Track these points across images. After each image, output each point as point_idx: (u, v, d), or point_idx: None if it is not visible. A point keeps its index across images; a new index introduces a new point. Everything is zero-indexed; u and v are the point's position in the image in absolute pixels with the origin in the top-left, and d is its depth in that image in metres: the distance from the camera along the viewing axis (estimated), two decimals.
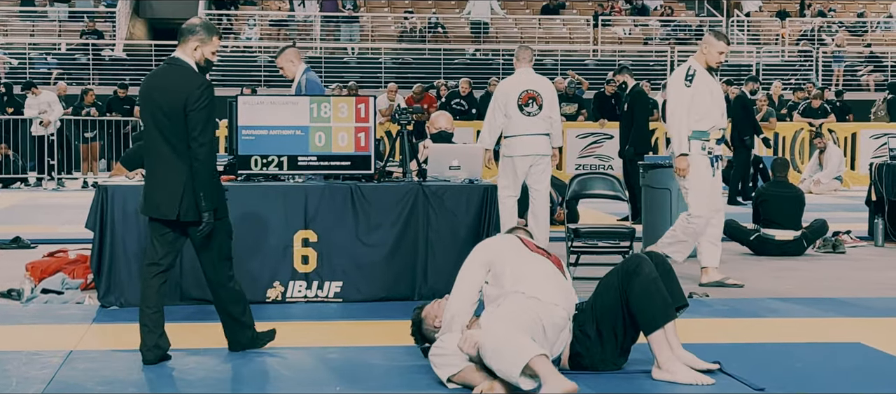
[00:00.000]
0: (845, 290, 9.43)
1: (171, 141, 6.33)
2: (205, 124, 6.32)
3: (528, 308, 5.77)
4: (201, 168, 6.29)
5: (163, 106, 6.34)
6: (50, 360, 6.28)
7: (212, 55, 6.56)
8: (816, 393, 5.72)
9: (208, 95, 6.37)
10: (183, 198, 6.31)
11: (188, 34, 6.51)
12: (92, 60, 27.95)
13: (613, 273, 6.07)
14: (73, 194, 19.45)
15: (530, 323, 5.69)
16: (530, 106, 10.83)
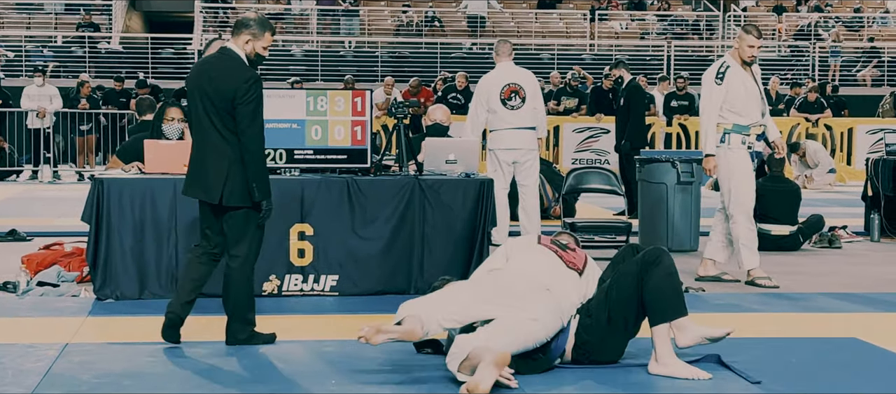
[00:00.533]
0: (841, 285, 9.43)
1: (217, 128, 6.54)
2: (252, 117, 6.51)
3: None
4: (252, 159, 6.51)
5: (211, 94, 6.54)
6: (45, 353, 6.27)
7: (263, 50, 6.73)
8: (812, 390, 5.72)
9: (256, 89, 6.55)
10: (226, 183, 6.52)
11: (242, 28, 6.67)
12: (88, 53, 27.92)
13: (633, 262, 6.10)
14: (68, 187, 19.44)
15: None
16: (513, 99, 10.85)
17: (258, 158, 6.55)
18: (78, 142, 21.85)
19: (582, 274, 6.21)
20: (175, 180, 8.16)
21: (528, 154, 10.90)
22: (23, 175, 21.56)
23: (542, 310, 5.85)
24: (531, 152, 10.93)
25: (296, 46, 29.58)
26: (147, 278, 8.14)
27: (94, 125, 21.82)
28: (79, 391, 5.47)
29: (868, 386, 5.81)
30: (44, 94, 21.40)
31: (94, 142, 22.03)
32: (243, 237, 6.61)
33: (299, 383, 5.72)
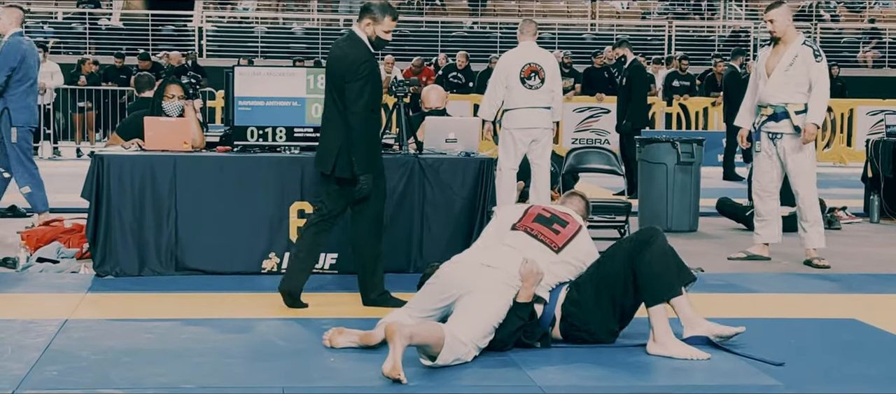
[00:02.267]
0: (840, 266, 9.44)
1: (336, 104, 7.01)
2: (358, 95, 6.90)
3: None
4: (353, 135, 6.93)
5: (332, 72, 7.06)
6: (45, 329, 6.28)
7: (384, 34, 7.12)
8: (811, 371, 5.73)
9: (365, 70, 6.93)
10: (338, 156, 6.99)
11: (364, 12, 7.10)
12: (89, 30, 27.88)
13: (626, 240, 6.13)
14: (68, 163, 19.43)
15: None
16: (533, 79, 10.83)
17: (359, 134, 6.92)
18: (77, 119, 21.82)
19: (559, 251, 6.17)
20: (175, 157, 8.17)
21: (544, 133, 10.91)
22: None
23: (485, 283, 5.88)
24: (547, 132, 10.94)
25: (296, 24, 29.53)
26: (147, 255, 8.14)
27: (95, 102, 21.79)
28: (78, 367, 5.48)
29: (867, 367, 5.81)
30: (44, 71, 21.31)
31: (94, 119, 22.01)
32: (365, 203, 7.08)
33: (298, 359, 5.73)
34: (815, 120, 9.13)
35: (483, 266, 5.98)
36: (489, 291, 5.84)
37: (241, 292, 7.63)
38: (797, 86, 9.20)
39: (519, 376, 5.47)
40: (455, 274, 6.00)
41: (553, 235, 6.21)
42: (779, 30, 9.28)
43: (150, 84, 10.80)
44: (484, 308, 5.80)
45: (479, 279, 5.89)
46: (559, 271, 6.15)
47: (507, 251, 6.09)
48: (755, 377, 5.54)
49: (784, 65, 9.25)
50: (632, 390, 5.34)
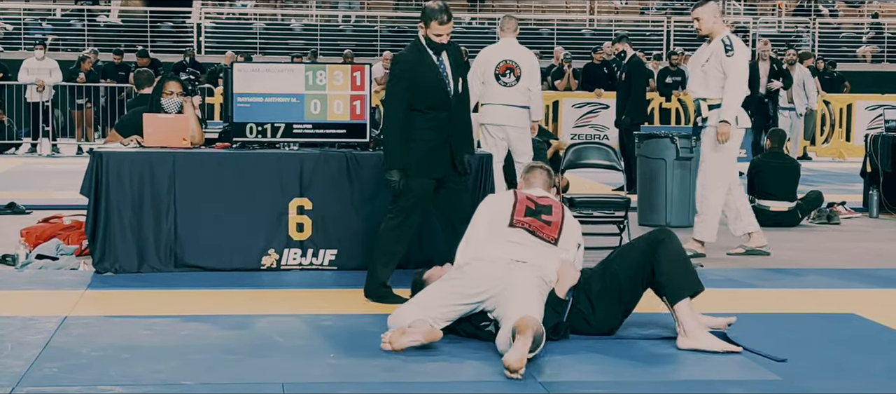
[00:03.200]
0: (840, 261, 9.44)
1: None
2: (388, 93, 7.36)
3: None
4: (383, 131, 7.56)
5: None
6: (45, 325, 6.28)
7: (435, 37, 7.30)
8: (810, 365, 5.73)
9: (396, 69, 7.34)
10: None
11: (420, 16, 7.44)
12: (87, 26, 27.86)
13: (639, 240, 6.19)
14: (67, 160, 19.43)
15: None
16: (507, 76, 10.85)
17: (386, 130, 7.33)
18: (76, 115, 21.81)
19: (556, 242, 6.30)
20: (174, 154, 8.17)
21: (519, 132, 10.94)
22: (21, 148, 21.55)
23: (520, 276, 6.00)
24: (522, 131, 10.96)
25: (295, 21, 29.52)
26: (146, 252, 8.14)
27: (93, 99, 21.78)
28: (78, 364, 5.48)
29: (866, 361, 5.82)
30: (43, 68, 21.35)
31: (93, 115, 22.00)
32: (399, 197, 7.28)
33: (298, 356, 5.73)
34: (724, 117, 9.17)
35: (512, 262, 6.08)
36: (529, 284, 5.93)
37: (241, 289, 7.63)
38: (715, 80, 9.29)
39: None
40: (483, 271, 6.06)
41: (546, 227, 6.31)
42: (705, 27, 9.36)
43: (150, 81, 10.80)
44: (534, 292, 5.91)
45: (512, 273, 5.99)
46: (560, 257, 6.26)
47: (522, 248, 6.18)
48: (754, 371, 5.54)
49: (701, 60, 9.40)
50: (630, 382, 5.34)
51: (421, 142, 7.24)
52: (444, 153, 7.35)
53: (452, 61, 7.43)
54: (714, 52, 9.28)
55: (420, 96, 7.23)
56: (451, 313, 6.04)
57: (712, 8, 9.35)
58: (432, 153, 7.26)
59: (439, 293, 6.11)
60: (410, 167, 7.19)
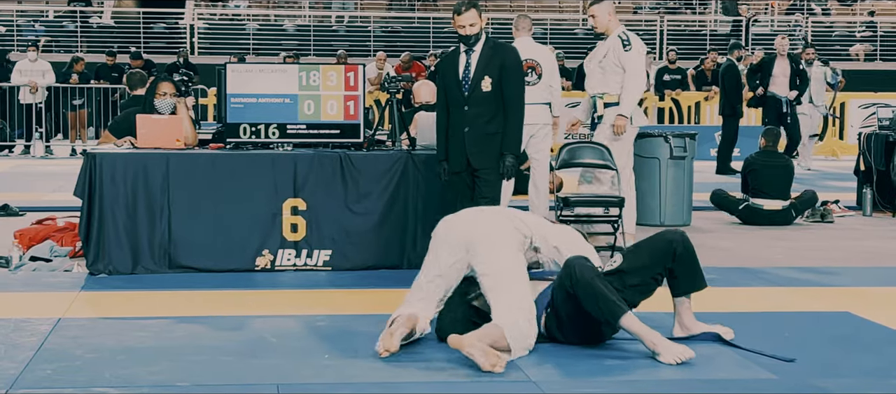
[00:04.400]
0: (833, 259, 9.46)
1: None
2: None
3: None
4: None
5: None
6: (38, 327, 6.27)
7: (458, 28, 7.76)
8: (805, 363, 5.74)
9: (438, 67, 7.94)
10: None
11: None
12: (80, 28, 27.83)
13: (653, 238, 6.21)
14: (61, 162, 19.41)
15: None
16: (530, 75, 10.81)
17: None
18: (70, 117, 21.79)
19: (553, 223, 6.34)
20: (168, 155, 8.16)
21: (543, 129, 10.89)
22: (15, 150, 21.51)
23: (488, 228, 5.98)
24: (545, 128, 10.92)
25: (288, 21, 29.50)
26: (140, 253, 8.13)
27: (87, 100, 21.76)
28: (72, 366, 5.47)
29: (860, 359, 5.83)
30: (36, 70, 21.32)
31: (87, 117, 21.97)
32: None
33: (292, 356, 5.73)
34: (622, 111, 9.36)
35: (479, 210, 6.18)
36: (501, 246, 5.88)
37: (235, 290, 7.63)
38: (613, 76, 9.48)
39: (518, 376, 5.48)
40: (449, 230, 6.04)
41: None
42: (600, 25, 9.58)
43: (143, 82, 10.79)
44: (511, 276, 5.83)
45: (481, 222, 5.99)
46: (555, 244, 6.15)
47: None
48: (749, 370, 5.55)
49: (598, 57, 9.59)
50: (627, 381, 5.34)
51: (450, 137, 7.87)
52: (461, 149, 7.80)
53: (491, 60, 7.75)
54: (611, 48, 9.49)
55: (445, 92, 7.89)
56: (434, 290, 6.00)
57: (607, 5, 9.60)
58: (453, 151, 7.84)
59: (419, 277, 6.10)
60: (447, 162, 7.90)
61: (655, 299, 6.12)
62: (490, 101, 7.77)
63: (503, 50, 7.92)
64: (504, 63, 7.77)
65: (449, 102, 7.87)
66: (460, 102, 7.80)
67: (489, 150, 7.80)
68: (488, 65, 7.75)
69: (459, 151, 7.83)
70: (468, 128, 7.79)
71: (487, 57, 7.77)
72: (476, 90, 7.74)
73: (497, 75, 7.76)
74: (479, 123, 7.78)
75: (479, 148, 7.79)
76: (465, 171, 7.86)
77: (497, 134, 7.80)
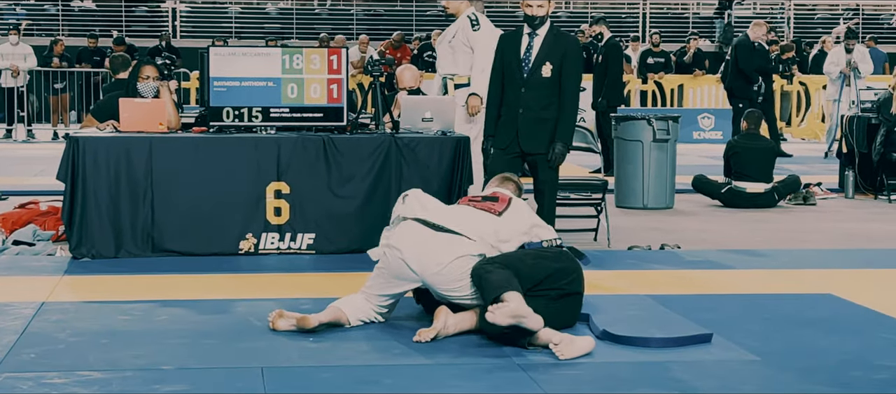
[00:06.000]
0: (816, 241, 9.49)
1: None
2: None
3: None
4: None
5: None
6: (22, 311, 6.26)
7: (525, 7, 7.96)
8: (788, 346, 5.77)
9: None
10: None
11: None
12: (61, 11, 27.71)
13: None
14: (43, 146, 19.35)
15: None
16: None
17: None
18: (52, 101, 21.71)
19: (501, 215, 6.06)
20: (151, 139, 8.14)
21: None
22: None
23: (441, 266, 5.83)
24: None
25: (270, 5, 29.42)
26: (123, 237, 8.11)
27: (69, 84, 21.68)
28: (56, 349, 5.46)
29: (843, 340, 5.85)
30: (17, 53, 21.24)
31: (69, 100, 21.90)
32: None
33: (276, 339, 5.73)
34: (474, 90, 9.36)
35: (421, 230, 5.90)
36: (457, 276, 5.79)
37: (219, 274, 7.62)
38: (463, 56, 9.49)
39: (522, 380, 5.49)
40: (403, 256, 5.88)
41: (492, 205, 6.15)
42: (451, 6, 9.63)
43: (126, 65, 10.75)
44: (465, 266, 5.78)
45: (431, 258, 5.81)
46: (505, 245, 5.99)
47: (474, 214, 6.06)
48: (733, 351, 5.57)
49: (448, 37, 9.64)
50: (604, 363, 5.35)
51: (502, 115, 8.01)
52: (513, 129, 7.93)
53: (554, 47, 7.90)
54: (460, 28, 9.53)
55: (502, 69, 8.02)
56: (384, 302, 6.02)
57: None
58: (503, 127, 7.99)
59: (373, 280, 6.05)
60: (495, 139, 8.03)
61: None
62: (548, 87, 7.90)
63: (566, 39, 8.13)
64: (566, 52, 7.93)
65: (506, 80, 8.00)
66: (518, 83, 7.94)
67: (540, 135, 7.92)
68: (551, 51, 7.91)
69: (510, 130, 7.97)
70: (523, 110, 7.93)
71: (550, 43, 7.94)
72: (535, 74, 7.91)
73: (558, 63, 7.89)
74: (534, 108, 7.92)
75: (530, 132, 7.94)
76: (511, 148, 7.98)
77: (549, 121, 7.91)
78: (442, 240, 5.84)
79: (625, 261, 8.30)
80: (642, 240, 9.17)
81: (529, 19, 7.97)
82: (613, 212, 10.27)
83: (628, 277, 7.58)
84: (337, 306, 5.98)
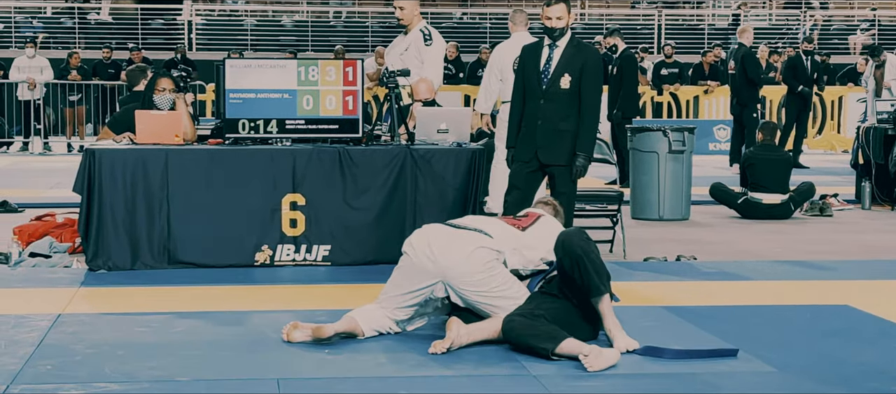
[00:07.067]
0: (833, 253, 9.46)
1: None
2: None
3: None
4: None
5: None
6: (38, 323, 6.27)
7: (545, 20, 8.00)
8: (805, 358, 5.74)
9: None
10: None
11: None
12: (78, 24, 27.82)
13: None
14: (59, 158, 19.40)
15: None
16: None
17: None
18: (68, 113, 21.80)
19: (524, 230, 6.11)
20: (167, 151, 8.16)
21: None
22: (13, 147, 21.53)
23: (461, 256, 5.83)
24: None
25: (286, 17, 29.49)
26: (139, 249, 8.13)
27: (85, 96, 21.76)
28: (72, 361, 5.47)
29: (860, 352, 5.82)
30: (34, 66, 21.33)
31: (85, 113, 21.98)
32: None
33: (292, 351, 5.73)
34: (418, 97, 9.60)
35: (447, 233, 5.94)
36: (478, 270, 5.81)
37: (234, 285, 7.63)
38: (413, 69, 9.55)
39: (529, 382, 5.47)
40: (420, 257, 5.88)
41: (518, 221, 6.21)
42: (406, 18, 9.83)
43: (143, 77, 10.77)
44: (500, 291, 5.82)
45: (451, 256, 5.81)
46: (529, 250, 6.03)
47: (497, 224, 6.11)
48: (750, 363, 5.54)
49: (400, 50, 9.84)
50: (629, 378, 5.34)
51: (522, 128, 8.05)
52: (532, 141, 7.96)
53: (573, 59, 7.91)
54: (413, 42, 9.72)
55: (524, 81, 8.08)
56: (400, 309, 5.99)
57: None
58: (523, 139, 8.04)
59: (390, 286, 6.05)
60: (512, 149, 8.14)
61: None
62: (567, 98, 7.91)
63: (586, 50, 8.13)
64: (586, 63, 7.93)
65: (526, 91, 8.05)
66: (537, 94, 7.97)
67: (559, 147, 7.94)
68: (570, 63, 7.93)
69: (530, 142, 8.01)
70: (541, 121, 7.95)
71: (570, 55, 7.96)
72: (554, 86, 7.93)
73: (577, 75, 7.90)
74: (552, 119, 7.94)
75: (548, 143, 7.95)
76: (532, 161, 8.03)
77: (568, 132, 7.93)
78: (463, 234, 5.91)
79: (641, 272, 8.28)
80: (658, 251, 9.15)
81: (549, 31, 7.99)
82: (629, 223, 10.26)
83: (644, 289, 7.56)
84: (351, 317, 5.98)
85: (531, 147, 8.01)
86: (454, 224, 6.05)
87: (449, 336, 5.68)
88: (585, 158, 7.94)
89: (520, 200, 7.98)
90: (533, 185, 8.16)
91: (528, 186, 8.10)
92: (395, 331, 6.03)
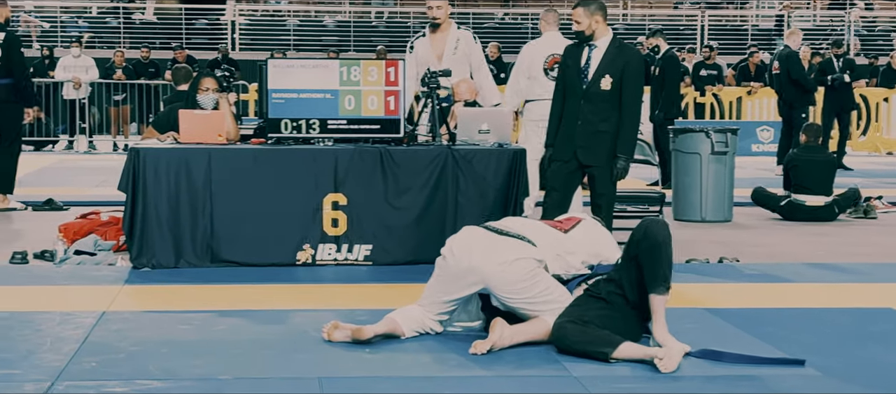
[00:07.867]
0: (876, 255, 9.39)
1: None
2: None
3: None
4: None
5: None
6: (83, 320, 6.33)
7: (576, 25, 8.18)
8: (848, 360, 5.71)
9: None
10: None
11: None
12: (122, 24, 28.02)
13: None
14: (104, 157, 19.55)
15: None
16: (556, 70, 10.77)
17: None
18: (112, 112, 21.97)
19: (566, 232, 6.11)
20: (210, 150, 8.21)
21: None
22: (58, 145, 21.71)
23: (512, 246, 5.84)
24: None
25: (328, 17, 29.58)
26: (182, 247, 8.18)
27: (129, 95, 21.92)
28: (116, 358, 5.52)
29: None
30: (79, 65, 21.51)
31: (129, 112, 22.15)
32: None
33: (332, 351, 5.75)
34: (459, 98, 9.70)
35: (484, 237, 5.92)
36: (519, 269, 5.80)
37: (277, 284, 7.66)
38: (464, 66, 9.88)
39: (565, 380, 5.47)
40: (461, 255, 5.88)
41: (560, 223, 6.22)
42: (443, 16, 10.24)
43: (188, 77, 10.85)
44: (541, 281, 5.81)
45: (491, 260, 5.80)
46: (570, 255, 6.04)
47: (539, 226, 6.12)
48: (792, 366, 5.51)
49: (451, 49, 10.01)
50: (671, 381, 5.32)
51: (562, 128, 8.09)
52: (570, 140, 8.00)
53: (614, 60, 7.95)
54: (462, 39, 10.05)
55: (564, 80, 8.15)
56: (441, 313, 6.01)
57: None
58: (562, 139, 8.08)
59: (431, 287, 6.05)
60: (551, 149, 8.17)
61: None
62: (607, 99, 7.93)
63: (628, 51, 8.14)
64: (627, 65, 7.95)
65: (567, 91, 8.10)
66: (578, 94, 8.01)
67: (598, 148, 7.96)
68: (611, 64, 7.94)
69: (568, 141, 8.07)
70: (581, 122, 7.98)
71: (611, 56, 7.98)
72: (594, 86, 7.96)
73: (618, 76, 7.91)
74: (592, 120, 7.97)
75: (587, 144, 7.99)
76: (571, 161, 8.08)
77: (607, 133, 7.95)
78: (504, 241, 5.88)
79: (683, 274, 8.25)
80: (700, 253, 9.12)
81: (576, 34, 8.10)
82: (671, 225, 10.20)
83: (686, 290, 7.54)
84: (392, 318, 5.99)
85: (570, 147, 8.03)
86: (496, 228, 6.00)
87: (491, 337, 5.68)
88: (626, 159, 7.94)
89: (559, 201, 7.99)
90: (572, 185, 8.19)
91: (566, 188, 8.14)
92: (437, 331, 6.04)
